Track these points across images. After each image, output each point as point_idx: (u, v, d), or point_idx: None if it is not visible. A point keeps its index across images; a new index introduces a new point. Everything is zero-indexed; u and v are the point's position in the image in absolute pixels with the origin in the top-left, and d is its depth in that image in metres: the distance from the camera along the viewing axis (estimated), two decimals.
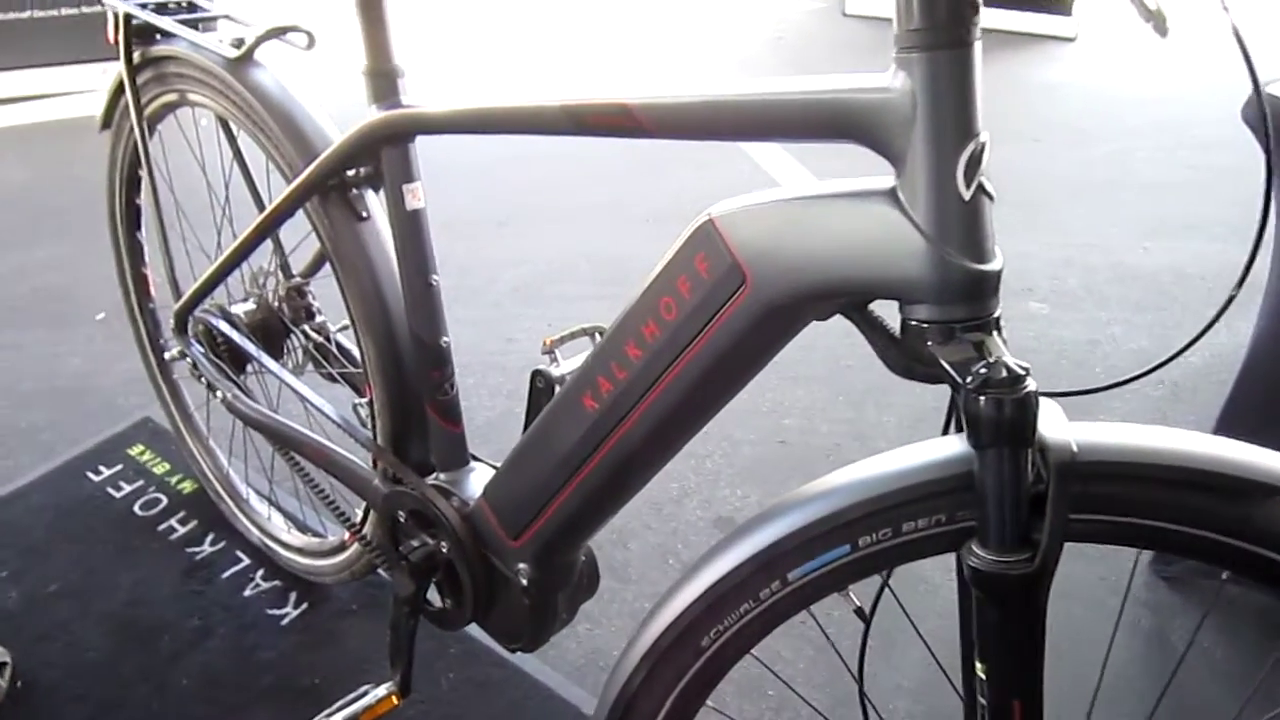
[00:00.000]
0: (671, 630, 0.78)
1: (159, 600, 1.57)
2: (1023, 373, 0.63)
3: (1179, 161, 3.22)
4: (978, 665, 0.70)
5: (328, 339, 1.42)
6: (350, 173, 1.12)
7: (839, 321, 0.76)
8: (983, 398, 0.63)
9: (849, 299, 0.73)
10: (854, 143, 0.69)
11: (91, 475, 1.86)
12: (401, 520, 1.17)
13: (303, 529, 1.64)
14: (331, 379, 1.42)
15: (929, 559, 0.72)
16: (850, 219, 0.69)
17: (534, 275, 2.59)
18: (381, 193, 1.14)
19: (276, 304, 1.44)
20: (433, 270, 1.09)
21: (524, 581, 1.06)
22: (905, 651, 1.44)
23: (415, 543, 1.15)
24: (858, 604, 0.79)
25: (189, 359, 1.43)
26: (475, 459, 1.20)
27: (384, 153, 1.05)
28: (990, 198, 0.66)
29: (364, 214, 1.16)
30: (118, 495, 1.81)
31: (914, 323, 0.68)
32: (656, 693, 0.80)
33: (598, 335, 1.15)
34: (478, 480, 1.15)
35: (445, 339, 1.12)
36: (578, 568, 1.12)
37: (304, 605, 1.56)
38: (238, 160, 1.39)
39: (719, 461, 1.86)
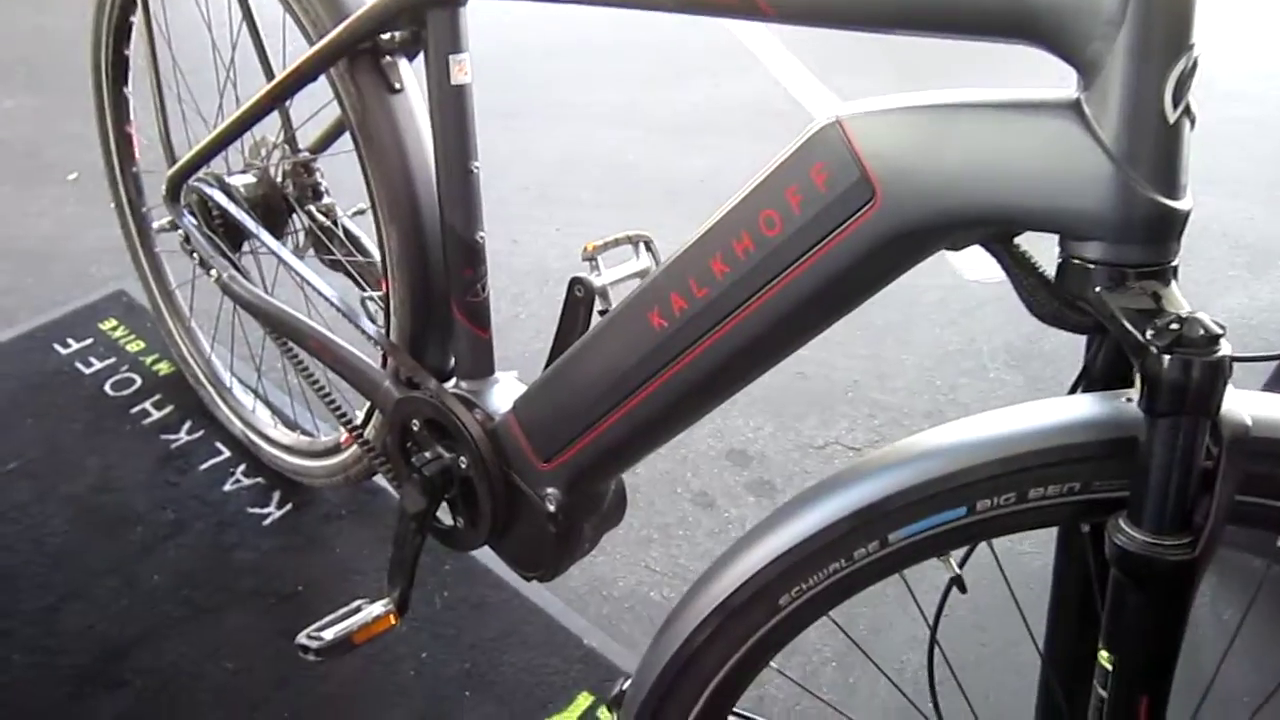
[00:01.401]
0: (748, 586, 0.69)
1: (129, 488, 1.47)
2: (1220, 332, 0.53)
3: (1202, 114, 3.12)
4: (1103, 654, 0.62)
5: (335, 223, 1.30)
6: (385, 37, 0.99)
7: None
8: (1168, 358, 0.53)
9: (999, 228, 0.62)
10: (1032, 44, 0.58)
11: (59, 348, 1.73)
12: (415, 429, 1.07)
13: (291, 426, 1.53)
14: (335, 268, 1.30)
15: None
16: (1017, 134, 0.59)
17: (542, 175, 2.45)
18: (416, 63, 1.03)
19: (280, 179, 1.31)
20: (473, 155, 0.98)
21: (551, 507, 0.96)
22: (924, 604, 1.38)
23: (429, 455, 1.05)
24: (957, 571, 0.70)
25: (180, 231, 1.30)
26: None
27: (430, 16, 0.92)
28: (1193, 123, 0.56)
29: (397, 85, 1.03)
30: (87, 371, 1.68)
31: (1078, 262, 0.58)
32: (721, 650, 0.72)
33: (643, 245, 1.05)
34: (503, 393, 1.04)
35: (481, 234, 1.00)
36: (609, 495, 1.03)
37: (288, 506, 1.46)
38: (246, 15, 1.25)
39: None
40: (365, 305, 1.26)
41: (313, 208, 1.30)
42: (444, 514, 1.09)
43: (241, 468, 1.51)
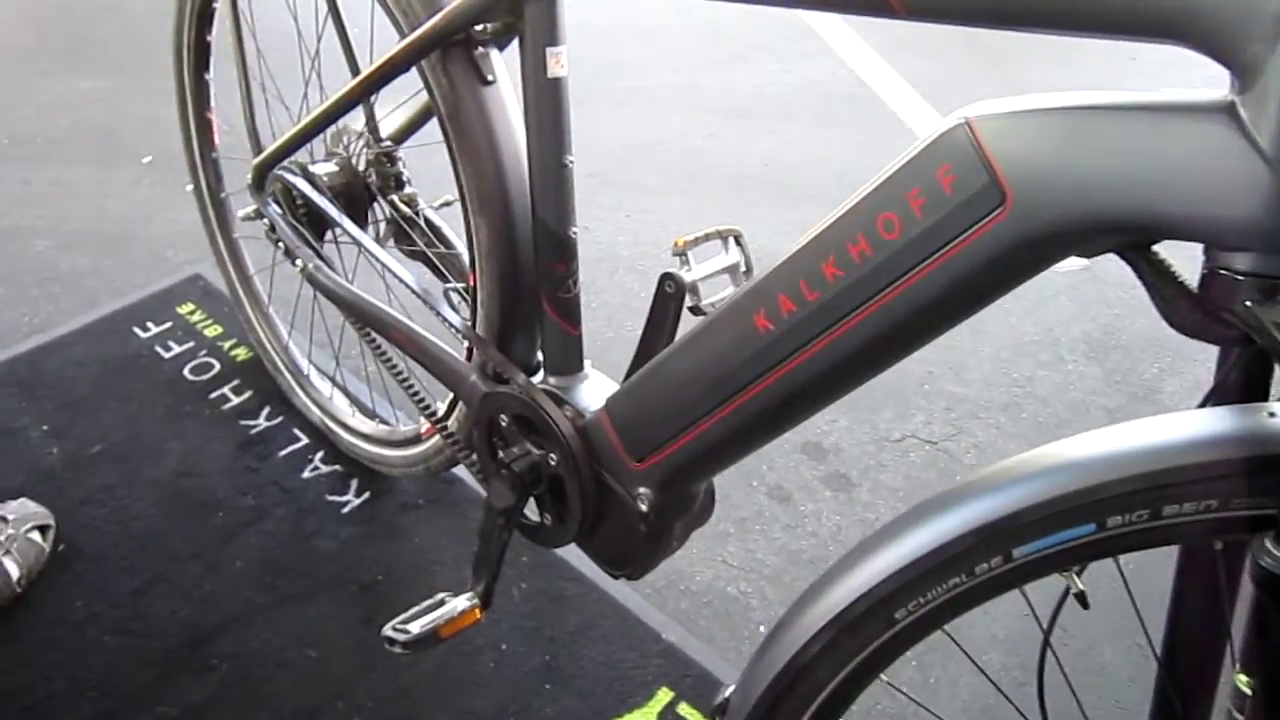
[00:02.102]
0: (865, 600, 0.67)
1: (211, 473, 1.48)
2: None
3: None
4: (1240, 678, 0.60)
5: (416, 213, 1.30)
6: (478, 28, 0.98)
7: None
8: None
9: (1138, 235, 0.60)
10: (1183, 45, 0.55)
11: (139, 331, 1.75)
12: (502, 424, 1.06)
13: (369, 414, 1.53)
14: (415, 257, 1.30)
15: None
16: (1164, 137, 0.56)
17: (608, 161, 2.43)
18: (507, 54, 1.02)
19: (363, 168, 1.31)
20: (568, 149, 0.97)
21: (643, 507, 0.95)
22: (1000, 599, 1.36)
23: (518, 451, 1.04)
24: (1080, 587, 0.68)
25: (265, 220, 1.31)
26: None
27: (527, 7, 0.91)
28: None
29: (490, 77, 1.02)
30: (167, 355, 1.70)
31: (1226, 273, 0.56)
32: (832, 663, 0.70)
33: (733, 239, 1.04)
34: (593, 389, 1.03)
35: (574, 229, 0.99)
36: (700, 494, 1.01)
37: (366, 494, 1.46)
38: (331, 5, 1.24)
39: None
40: (448, 296, 1.26)
41: (395, 197, 1.30)
42: (531, 510, 1.08)
43: (320, 455, 1.52)
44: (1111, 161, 0.58)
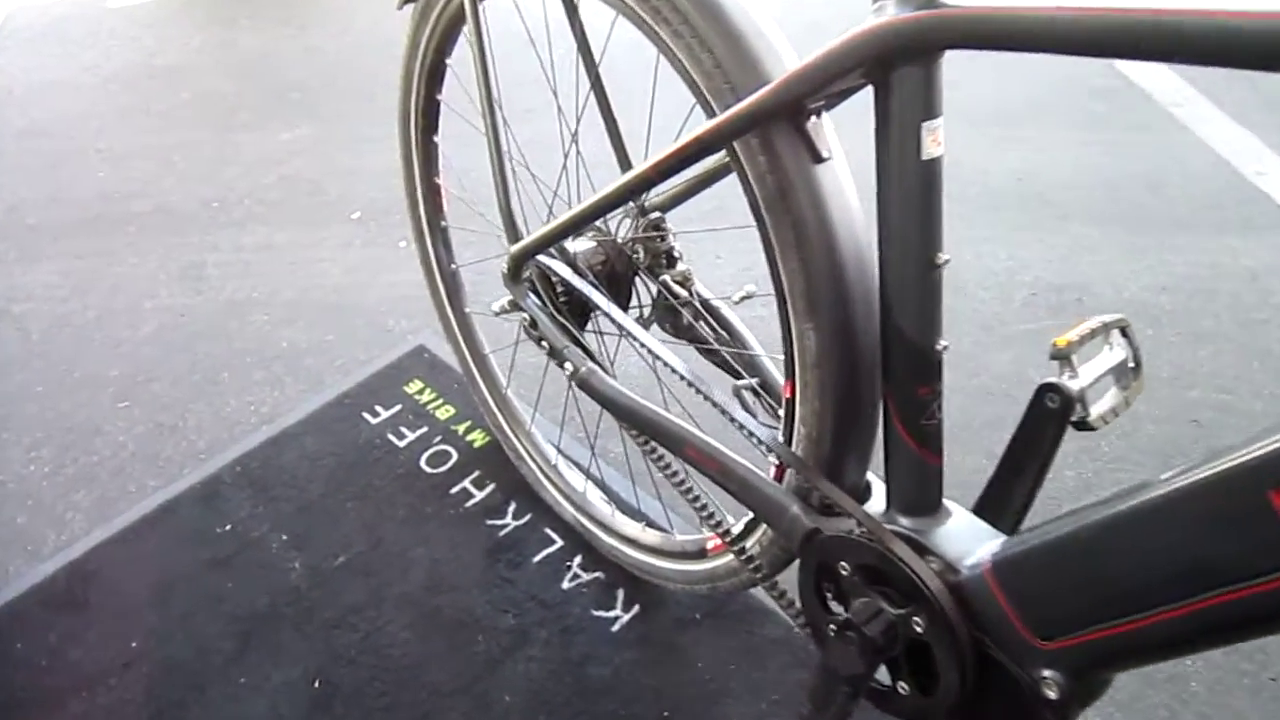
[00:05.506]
0: None
1: (464, 586, 1.33)
2: None
3: None
4: None
5: (692, 294, 1.12)
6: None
7: (1242, 258, 0.39)
8: None
9: None
10: None
11: (368, 417, 1.62)
12: (841, 571, 0.87)
13: (633, 515, 1.35)
14: (707, 353, 1.12)
15: None
16: None
17: (855, 176, 2.20)
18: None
19: (628, 243, 1.13)
20: (939, 245, 0.76)
21: (1051, 694, 0.74)
22: None
23: (867, 608, 0.84)
24: None
25: (524, 315, 1.15)
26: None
27: (895, 73, 0.71)
28: None
29: (825, 153, 0.81)
30: (400, 445, 1.56)
31: None
32: None
33: (1118, 332, 0.83)
34: (963, 535, 0.82)
35: (941, 343, 0.78)
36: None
37: (635, 608, 1.29)
38: (594, 82, 1.06)
39: (1116, 443, 1.50)
40: (740, 396, 1.07)
41: (666, 277, 1.12)
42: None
43: (578, 560, 1.35)
44: None
